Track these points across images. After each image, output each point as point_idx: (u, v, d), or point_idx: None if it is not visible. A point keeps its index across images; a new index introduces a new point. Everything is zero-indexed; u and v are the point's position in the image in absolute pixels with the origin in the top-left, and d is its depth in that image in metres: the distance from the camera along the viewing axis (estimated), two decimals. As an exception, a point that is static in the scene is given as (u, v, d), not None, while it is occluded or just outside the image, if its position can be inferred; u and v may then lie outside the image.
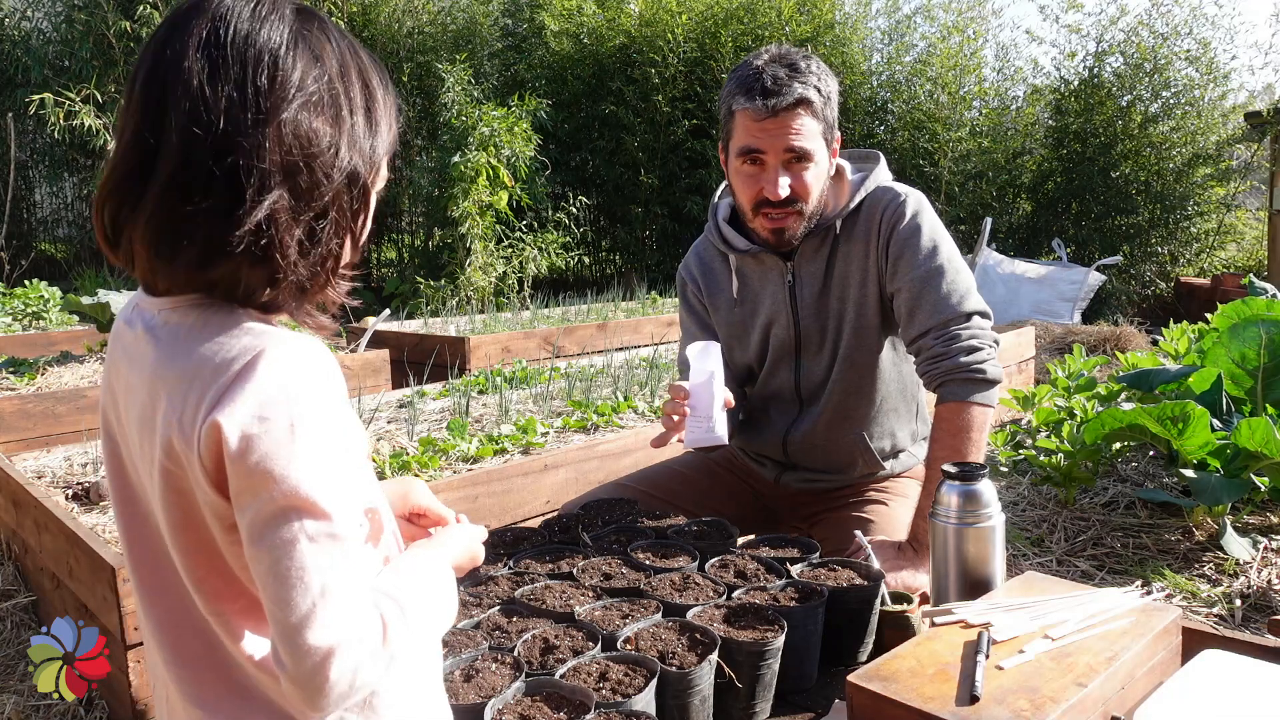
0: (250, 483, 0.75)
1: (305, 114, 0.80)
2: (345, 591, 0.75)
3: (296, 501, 0.75)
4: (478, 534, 1.09)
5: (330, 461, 0.78)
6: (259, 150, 0.77)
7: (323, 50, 0.84)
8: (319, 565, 0.74)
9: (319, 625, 0.73)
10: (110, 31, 8.34)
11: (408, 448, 2.95)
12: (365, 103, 0.87)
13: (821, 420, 1.93)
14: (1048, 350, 5.93)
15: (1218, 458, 2.58)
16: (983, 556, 1.44)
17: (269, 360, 0.77)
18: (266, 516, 0.75)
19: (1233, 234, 10.30)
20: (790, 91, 1.70)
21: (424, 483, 1.16)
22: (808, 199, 1.79)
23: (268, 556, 0.75)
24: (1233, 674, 1.17)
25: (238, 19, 0.80)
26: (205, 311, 0.82)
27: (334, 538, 0.76)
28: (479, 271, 8.15)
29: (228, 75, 0.78)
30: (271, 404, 0.76)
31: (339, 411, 0.81)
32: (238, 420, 0.75)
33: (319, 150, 0.81)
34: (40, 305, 6.00)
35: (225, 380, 0.77)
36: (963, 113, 9.78)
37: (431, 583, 0.91)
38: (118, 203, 0.80)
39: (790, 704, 1.34)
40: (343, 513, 0.77)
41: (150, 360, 0.83)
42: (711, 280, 2.04)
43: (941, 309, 1.76)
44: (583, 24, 10.54)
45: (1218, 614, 2.20)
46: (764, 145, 1.74)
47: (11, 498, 2.64)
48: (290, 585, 0.74)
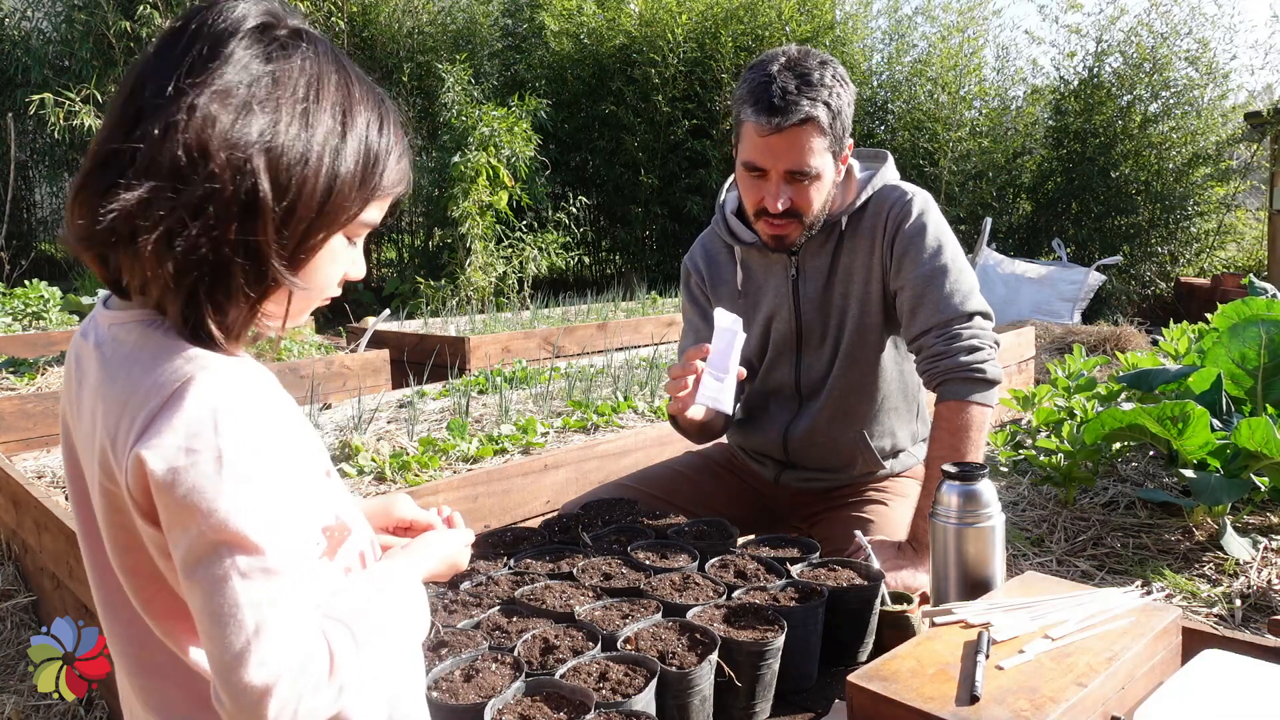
0: (179, 517, 0.73)
1: (218, 106, 0.75)
2: (281, 627, 0.73)
3: (226, 536, 0.72)
4: (459, 539, 1.08)
5: (264, 492, 0.75)
6: (163, 128, 0.74)
7: (280, 56, 0.80)
8: (252, 601, 0.72)
9: (254, 663, 0.71)
10: (110, 31, 8.34)
11: (408, 448, 2.95)
12: (334, 128, 0.82)
13: (822, 417, 1.93)
14: (1048, 350, 5.93)
15: (1218, 458, 2.58)
16: (983, 556, 1.44)
17: (197, 388, 0.75)
18: (197, 552, 0.72)
19: (1233, 234, 10.31)
20: (797, 110, 1.67)
21: (408, 496, 1.15)
22: (808, 212, 1.79)
23: (200, 593, 0.73)
24: (1233, 674, 1.17)
25: (216, 13, 0.80)
26: (146, 332, 0.80)
27: (268, 572, 0.73)
28: (479, 271, 8.15)
29: (172, 54, 0.78)
30: (198, 435, 0.73)
31: (277, 437, 0.78)
32: (163, 453, 0.72)
33: (219, 144, 0.75)
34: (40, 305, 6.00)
35: (152, 409, 0.74)
36: (963, 113, 9.79)
37: (396, 599, 0.89)
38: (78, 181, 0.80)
39: (790, 704, 1.34)
40: (278, 545, 0.74)
41: (93, 378, 0.82)
42: (716, 272, 2.04)
43: (943, 308, 1.76)
44: (583, 24, 10.55)
45: (1218, 614, 2.20)
46: (766, 163, 1.74)
47: (11, 498, 2.64)
48: (223, 623, 0.71)
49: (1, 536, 2.81)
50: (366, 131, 0.85)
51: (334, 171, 0.82)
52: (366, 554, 0.97)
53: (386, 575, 0.92)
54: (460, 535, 1.09)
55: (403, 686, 0.97)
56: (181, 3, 8.25)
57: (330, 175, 0.82)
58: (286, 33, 0.83)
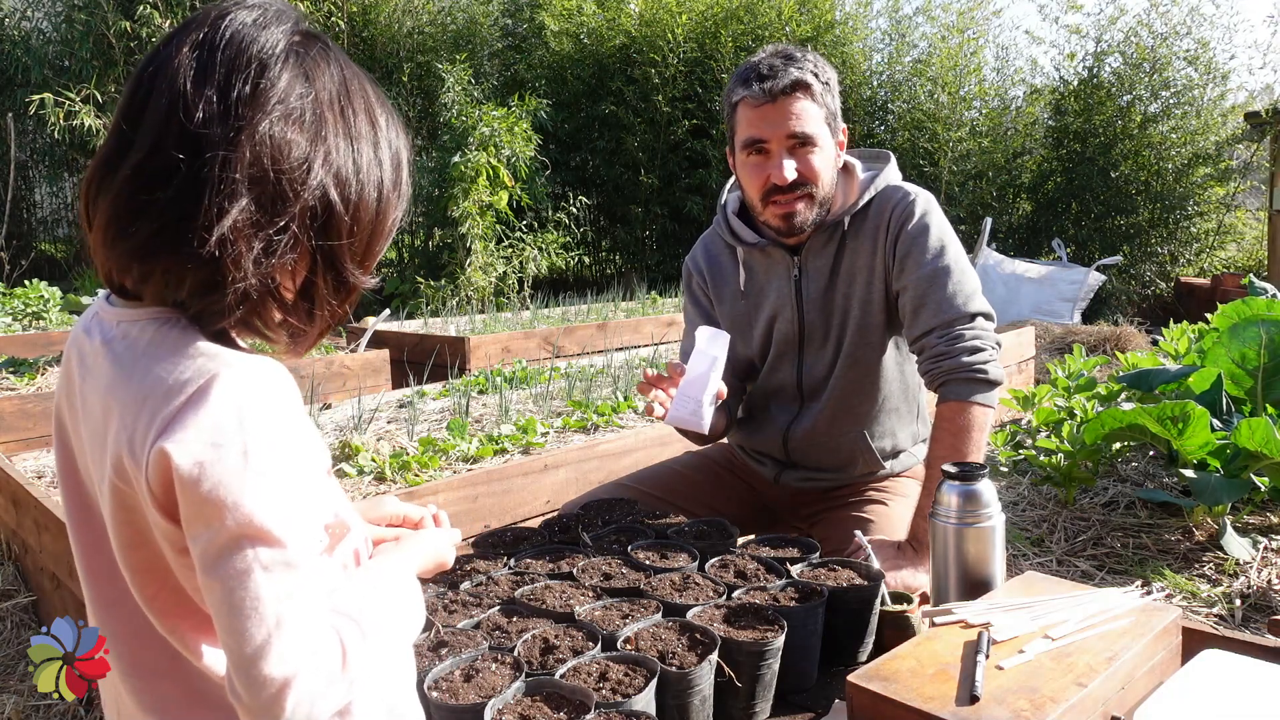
0: (202, 511, 0.73)
1: (282, 127, 0.79)
2: (301, 620, 0.74)
3: (250, 531, 0.73)
4: (446, 538, 1.08)
5: (285, 487, 0.76)
6: (230, 154, 0.77)
7: (316, 71, 0.83)
8: (274, 595, 0.73)
9: (275, 656, 0.72)
10: (110, 31, 8.34)
11: (408, 448, 2.95)
12: (370, 134, 0.87)
13: (822, 417, 1.93)
14: (1048, 350, 5.93)
15: (1218, 458, 2.58)
16: (983, 556, 1.44)
17: (222, 385, 0.76)
18: (219, 546, 0.73)
19: (1233, 234, 10.30)
20: (786, 75, 1.73)
21: (394, 496, 1.17)
22: (816, 181, 1.80)
23: (221, 587, 0.73)
24: (1233, 674, 1.17)
25: (237, 26, 0.80)
26: (161, 329, 0.81)
27: (289, 566, 0.74)
28: (479, 271, 8.15)
29: (212, 77, 0.78)
30: (224, 431, 0.74)
31: (295, 433, 0.79)
32: (189, 448, 0.73)
33: (291, 165, 0.79)
34: (40, 305, 6.00)
35: (176, 405, 0.75)
36: (963, 113, 9.79)
37: (394, 595, 0.90)
38: (94, 187, 0.81)
39: (790, 704, 1.34)
40: (298, 539, 0.76)
41: (105, 376, 0.82)
42: (718, 272, 2.04)
43: (946, 309, 1.76)
44: (583, 24, 10.54)
45: (1218, 614, 2.20)
46: (766, 133, 1.76)
47: (11, 498, 2.64)
48: (245, 616, 0.72)
49: (1, 536, 2.81)
50: (388, 133, 0.89)
51: (379, 177, 0.87)
52: (361, 551, 0.98)
53: (382, 571, 0.93)
54: (446, 534, 1.10)
55: (401, 680, 0.97)
56: (182, 3, 8.25)
57: (377, 181, 0.87)
58: (313, 44, 0.85)
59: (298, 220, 0.80)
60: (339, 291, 0.87)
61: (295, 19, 0.85)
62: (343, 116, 0.84)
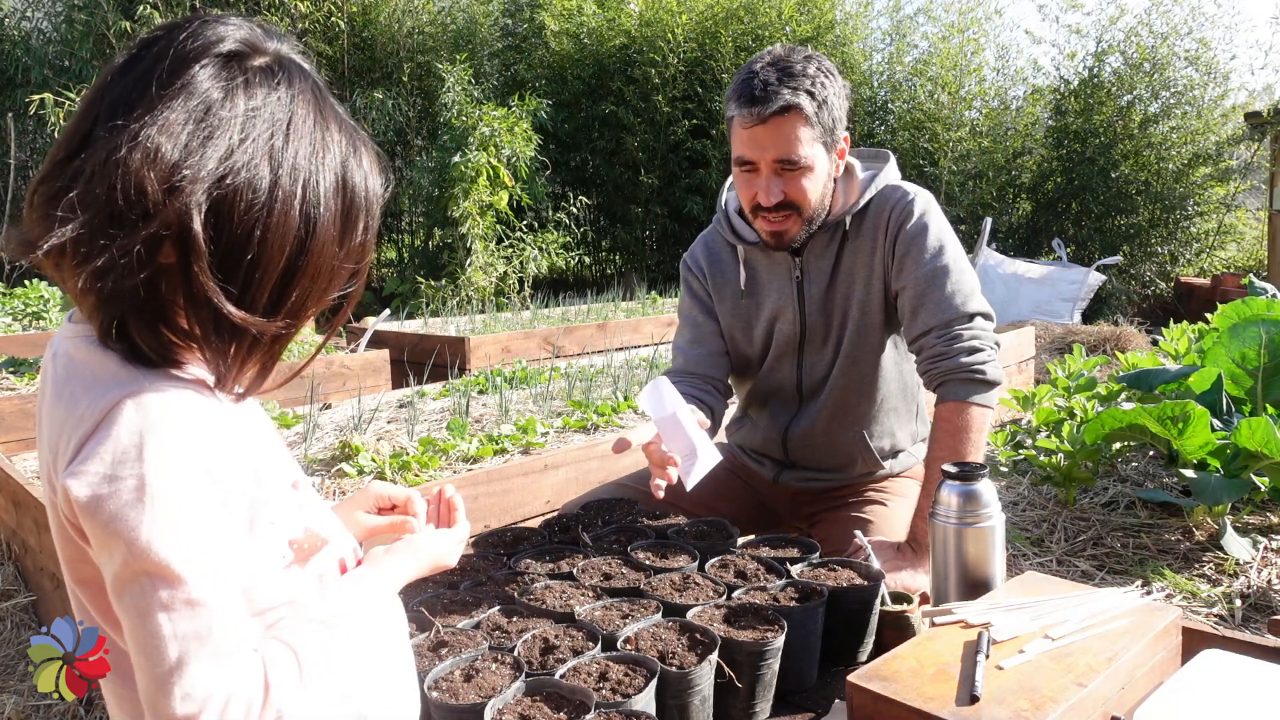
0: (104, 543, 0.72)
1: (163, 139, 0.73)
2: (205, 659, 0.72)
3: (147, 566, 0.71)
4: (449, 538, 1.07)
5: (188, 523, 0.73)
6: (104, 159, 0.72)
7: (252, 95, 0.78)
8: (175, 634, 0.71)
9: (178, 695, 0.71)
10: (110, 31, 8.33)
11: (408, 448, 2.95)
12: (316, 169, 0.80)
13: (821, 417, 1.93)
14: (1048, 350, 5.93)
15: (1218, 458, 2.58)
16: (983, 556, 1.44)
17: (126, 414, 0.74)
18: (122, 580, 0.72)
19: (1233, 234, 10.31)
20: (777, 98, 1.67)
21: (378, 481, 1.17)
22: (803, 204, 1.78)
23: (126, 621, 0.73)
24: (1233, 674, 1.17)
25: (197, 36, 0.78)
26: (90, 349, 0.79)
27: (191, 604, 0.72)
28: (479, 271, 8.15)
29: (135, 69, 0.76)
30: (121, 463, 0.72)
31: (208, 467, 0.76)
32: (86, 480, 0.72)
33: (159, 185, 0.72)
34: (40, 305, 6.00)
35: (83, 434, 0.74)
36: (963, 113, 9.80)
37: (362, 614, 0.88)
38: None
39: (790, 704, 1.34)
40: (203, 576, 0.73)
41: (48, 395, 0.82)
42: (718, 270, 2.03)
43: (945, 309, 1.76)
44: (583, 24, 10.55)
45: (1218, 614, 2.20)
46: (753, 155, 1.74)
47: (11, 498, 2.64)
48: (146, 654, 0.71)
49: (1, 536, 2.81)
50: (343, 176, 0.82)
51: (307, 216, 0.79)
52: (348, 560, 0.96)
53: (358, 589, 0.91)
54: (451, 533, 1.09)
55: (375, 693, 0.94)
56: (181, 3, 8.26)
57: (303, 220, 0.79)
58: (262, 62, 0.80)
59: (148, 244, 0.73)
60: (220, 330, 0.77)
61: (257, 40, 0.82)
62: (264, 144, 0.77)
